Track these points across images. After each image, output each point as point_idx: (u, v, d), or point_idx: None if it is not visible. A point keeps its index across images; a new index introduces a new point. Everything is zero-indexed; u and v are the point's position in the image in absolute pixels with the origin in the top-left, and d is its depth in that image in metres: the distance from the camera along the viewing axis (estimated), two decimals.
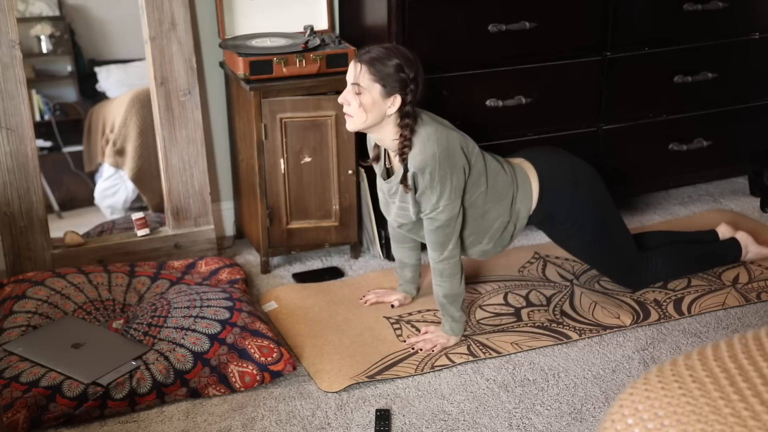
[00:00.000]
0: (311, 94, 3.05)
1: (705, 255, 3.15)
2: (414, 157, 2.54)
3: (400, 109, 2.51)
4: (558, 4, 3.14)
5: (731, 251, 3.17)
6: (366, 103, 2.49)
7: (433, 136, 2.53)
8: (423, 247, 2.88)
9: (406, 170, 2.59)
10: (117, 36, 3.42)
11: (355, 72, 2.49)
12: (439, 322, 2.86)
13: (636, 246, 3.00)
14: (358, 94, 2.49)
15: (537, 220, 2.83)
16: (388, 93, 2.49)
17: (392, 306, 2.97)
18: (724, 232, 3.24)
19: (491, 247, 2.79)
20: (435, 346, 2.74)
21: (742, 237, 3.20)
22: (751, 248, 3.19)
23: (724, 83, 3.50)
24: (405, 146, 2.53)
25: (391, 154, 2.65)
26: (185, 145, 3.19)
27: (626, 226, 2.98)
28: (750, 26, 3.49)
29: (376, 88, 2.48)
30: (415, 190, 2.61)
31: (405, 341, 2.79)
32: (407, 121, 2.52)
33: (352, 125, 2.55)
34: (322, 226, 3.20)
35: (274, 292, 3.09)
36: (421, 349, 2.74)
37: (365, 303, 3.00)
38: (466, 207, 2.67)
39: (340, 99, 2.54)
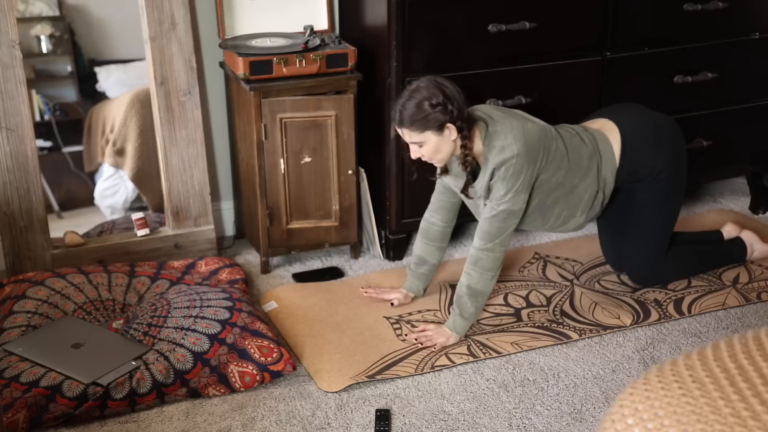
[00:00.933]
0: (311, 94, 3.05)
1: (710, 255, 3.16)
2: (495, 157, 2.60)
3: (459, 130, 2.58)
4: (558, 4, 3.14)
5: (736, 250, 3.18)
6: (431, 149, 2.60)
7: (510, 134, 2.59)
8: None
9: (474, 172, 2.68)
10: (117, 36, 3.42)
11: (403, 135, 2.62)
12: (440, 322, 2.86)
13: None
14: (421, 146, 2.60)
15: (621, 180, 2.85)
16: (440, 129, 2.56)
17: (392, 304, 2.97)
18: (729, 231, 3.24)
19: (584, 219, 2.85)
20: (435, 344, 2.74)
21: (748, 236, 3.20)
22: (756, 247, 3.19)
23: (724, 83, 3.50)
24: (467, 155, 2.61)
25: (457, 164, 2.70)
26: (185, 145, 3.19)
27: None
28: (750, 26, 3.49)
29: (428, 135, 2.57)
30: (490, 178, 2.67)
31: (404, 340, 2.79)
32: (464, 133, 2.59)
33: (439, 164, 2.70)
34: (322, 226, 3.20)
35: (274, 292, 3.09)
36: (421, 343, 2.74)
37: (364, 293, 3.01)
38: (552, 187, 2.71)
39: (413, 156, 2.65)
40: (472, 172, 2.70)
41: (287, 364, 2.60)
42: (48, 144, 3.36)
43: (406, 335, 2.82)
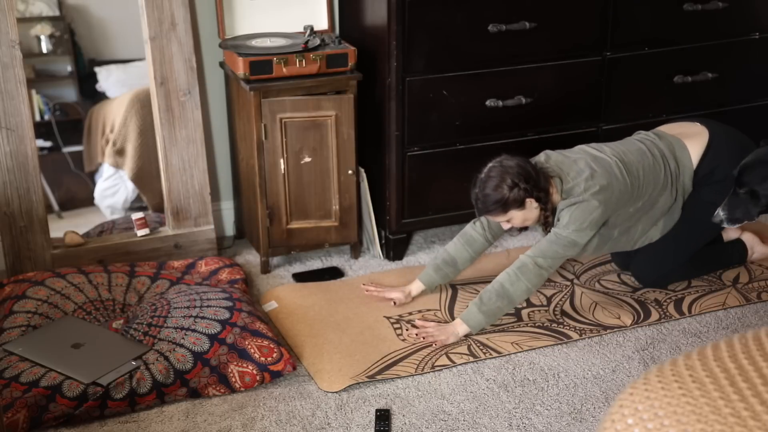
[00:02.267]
0: (311, 94, 3.05)
1: (712, 257, 3.15)
2: (563, 205, 2.74)
3: (538, 200, 2.69)
4: (558, 4, 3.14)
5: (737, 252, 3.18)
6: (519, 222, 2.76)
7: (583, 188, 2.70)
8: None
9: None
10: (117, 36, 3.42)
11: (493, 220, 2.79)
12: (440, 322, 2.86)
13: None
14: (509, 221, 2.76)
15: (696, 180, 2.92)
16: (521, 204, 2.68)
17: (394, 304, 2.96)
18: (729, 232, 3.23)
19: (663, 223, 2.92)
20: (435, 341, 2.74)
21: (748, 237, 3.20)
22: (757, 248, 3.20)
23: (724, 83, 3.50)
24: (547, 217, 2.76)
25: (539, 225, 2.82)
26: (185, 145, 3.19)
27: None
28: (750, 26, 3.49)
29: (513, 213, 2.72)
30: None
31: (405, 340, 2.79)
32: (543, 200, 2.72)
33: (531, 226, 2.85)
34: (322, 226, 3.20)
35: (274, 292, 3.09)
36: (423, 338, 2.74)
37: (365, 290, 3.02)
38: (634, 212, 2.83)
39: (505, 228, 2.81)
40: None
41: (287, 364, 2.60)
42: (48, 144, 3.36)
43: (407, 334, 2.82)
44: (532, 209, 2.72)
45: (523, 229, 2.85)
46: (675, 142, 2.91)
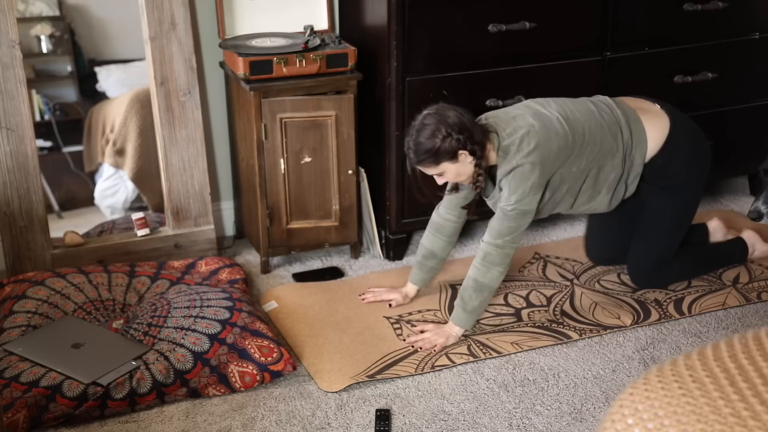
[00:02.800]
0: (311, 94, 3.05)
1: (713, 256, 3.16)
2: (501, 169, 2.63)
3: (472, 153, 2.59)
4: (558, 4, 3.14)
5: (738, 251, 3.18)
6: (452, 176, 2.64)
7: (517, 149, 2.60)
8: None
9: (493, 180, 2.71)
10: (117, 36, 3.42)
11: (423, 170, 2.65)
12: (439, 322, 2.86)
13: None
14: (441, 175, 2.64)
15: (648, 171, 2.82)
16: (454, 157, 2.58)
17: (389, 305, 2.96)
18: (715, 227, 3.24)
19: (609, 199, 2.81)
20: (435, 345, 2.74)
21: (749, 236, 3.20)
22: (758, 246, 3.20)
23: (724, 83, 3.50)
24: (479, 175, 2.63)
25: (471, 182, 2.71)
26: (185, 145, 3.19)
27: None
28: (750, 26, 3.49)
29: (444, 165, 2.60)
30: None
31: (405, 340, 2.79)
32: (478, 154, 2.59)
33: (465, 183, 2.72)
34: (322, 226, 3.20)
35: (274, 292, 3.09)
36: (420, 348, 2.74)
37: (363, 301, 3.00)
38: (577, 174, 2.70)
39: (439, 183, 2.70)
40: (491, 176, 2.71)
41: (287, 364, 2.60)
42: (48, 144, 3.36)
43: (408, 336, 2.82)
44: (466, 164, 2.60)
45: (456, 187, 2.76)
46: (631, 114, 2.80)
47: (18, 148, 2.98)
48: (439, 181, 2.69)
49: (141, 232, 3.20)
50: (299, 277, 3.21)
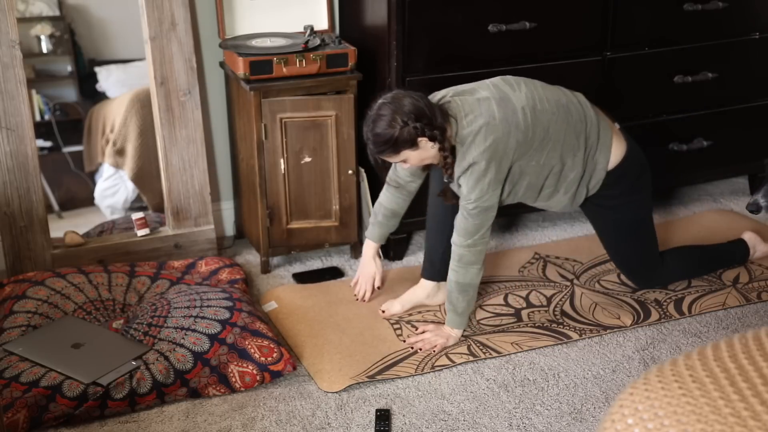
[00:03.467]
0: (311, 94, 3.05)
1: (714, 256, 3.15)
2: (459, 163, 2.60)
3: (432, 139, 2.54)
4: (558, 4, 3.14)
5: (739, 252, 3.17)
6: (416, 161, 2.62)
7: (473, 141, 2.55)
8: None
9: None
10: (117, 36, 3.42)
11: (386, 160, 2.63)
12: (439, 322, 2.86)
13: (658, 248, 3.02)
14: (405, 162, 2.62)
15: (610, 179, 2.77)
16: (414, 144, 2.54)
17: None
18: (751, 240, 3.22)
19: (568, 199, 2.77)
20: (435, 346, 2.74)
21: (750, 237, 3.20)
22: (759, 247, 3.19)
23: (724, 83, 3.50)
24: (447, 158, 2.59)
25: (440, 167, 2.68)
26: (185, 145, 3.19)
27: (655, 233, 3.01)
28: (750, 26, 3.49)
29: (407, 153, 2.57)
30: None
31: (405, 341, 2.79)
32: (439, 138, 2.55)
33: (432, 164, 2.68)
34: (322, 226, 3.20)
35: (274, 292, 3.09)
36: (420, 349, 2.74)
37: (364, 301, 3.01)
38: (538, 168, 2.66)
39: (405, 168, 2.70)
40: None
41: (287, 364, 2.60)
42: (48, 144, 3.36)
43: (408, 336, 2.82)
44: (428, 149, 2.56)
45: (427, 168, 2.73)
46: (603, 120, 2.77)
47: (18, 148, 2.99)
48: (405, 167, 2.68)
49: (141, 232, 3.20)
50: (299, 277, 3.21)
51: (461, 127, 2.57)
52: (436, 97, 2.65)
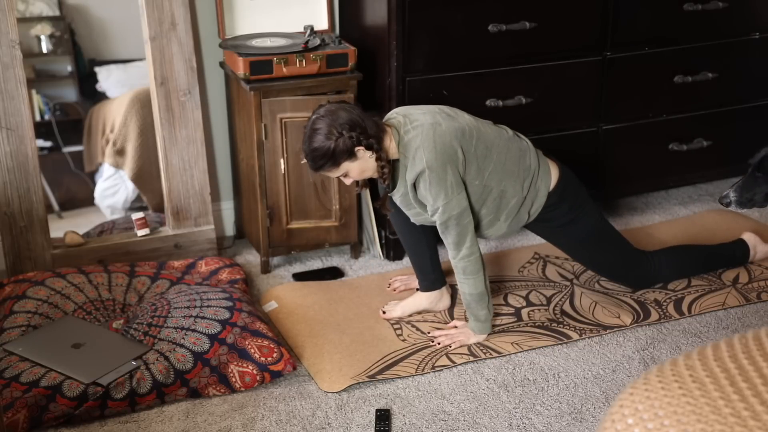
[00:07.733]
0: (311, 94, 3.05)
1: (713, 256, 3.15)
2: (409, 170, 2.58)
3: (369, 148, 2.54)
4: (558, 4, 3.14)
5: (740, 252, 3.17)
6: (357, 174, 2.60)
7: (420, 146, 2.55)
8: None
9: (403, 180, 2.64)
10: (117, 36, 3.42)
11: (327, 175, 2.62)
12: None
13: (633, 247, 3.00)
14: (347, 176, 2.61)
15: (553, 199, 2.78)
16: (351, 155, 2.54)
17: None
18: (750, 240, 3.21)
19: (506, 227, 2.77)
20: (453, 342, 2.74)
21: (750, 237, 3.20)
22: (759, 248, 3.19)
23: (724, 83, 3.50)
24: (384, 168, 2.59)
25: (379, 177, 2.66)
26: (185, 145, 3.19)
27: (619, 232, 3.00)
28: (750, 26, 3.49)
29: (346, 165, 2.57)
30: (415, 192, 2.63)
31: (405, 340, 2.79)
32: (376, 147, 2.55)
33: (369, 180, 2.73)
34: (322, 226, 3.20)
35: (274, 292, 3.09)
36: (439, 344, 2.74)
37: (394, 290, 3.05)
38: (480, 190, 2.66)
39: (348, 183, 2.67)
40: (393, 182, 2.67)
41: (287, 364, 2.60)
42: (48, 144, 3.37)
43: (428, 331, 2.82)
44: (366, 159, 2.55)
45: (369, 182, 2.73)
46: (537, 149, 2.78)
47: (18, 148, 2.99)
48: (347, 182, 2.66)
49: (141, 232, 3.20)
50: (299, 277, 3.21)
51: (403, 134, 2.58)
52: (386, 116, 2.68)
